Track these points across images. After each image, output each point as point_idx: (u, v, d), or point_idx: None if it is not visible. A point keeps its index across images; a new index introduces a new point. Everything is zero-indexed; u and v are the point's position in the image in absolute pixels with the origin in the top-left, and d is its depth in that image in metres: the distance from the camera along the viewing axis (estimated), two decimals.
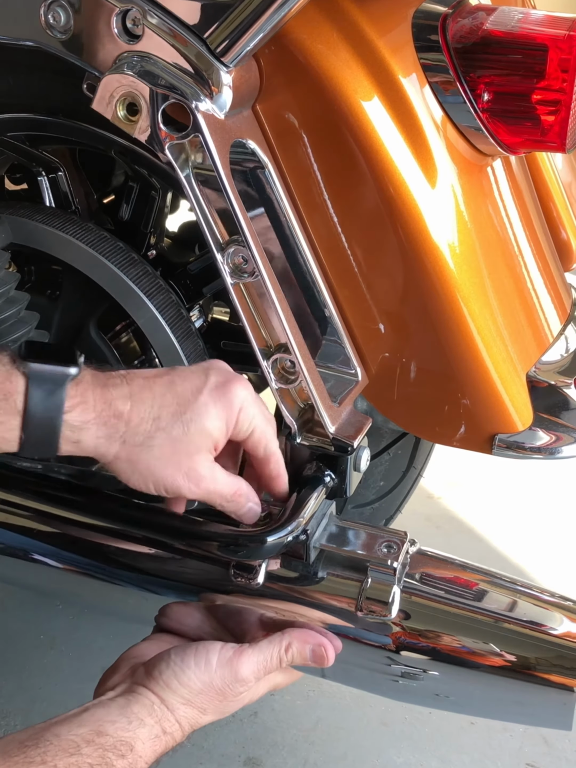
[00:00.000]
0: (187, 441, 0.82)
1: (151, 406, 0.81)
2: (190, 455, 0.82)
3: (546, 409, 1.05)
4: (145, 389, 0.82)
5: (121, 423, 0.80)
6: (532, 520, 1.97)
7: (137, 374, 0.83)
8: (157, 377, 0.84)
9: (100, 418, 0.79)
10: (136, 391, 0.81)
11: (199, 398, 0.83)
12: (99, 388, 0.80)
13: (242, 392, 0.84)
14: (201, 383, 0.84)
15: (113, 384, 0.81)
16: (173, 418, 0.81)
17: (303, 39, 0.88)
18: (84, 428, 0.79)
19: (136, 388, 0.82)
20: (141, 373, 0.84)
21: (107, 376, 0.82)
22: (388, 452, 1.33)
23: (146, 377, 0.83)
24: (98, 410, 0.79)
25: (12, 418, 0.77)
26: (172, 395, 0.82)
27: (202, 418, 0.82)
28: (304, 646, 0.88)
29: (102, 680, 0.87)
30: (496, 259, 1.02)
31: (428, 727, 1.47)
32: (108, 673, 0.87)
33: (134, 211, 1.27)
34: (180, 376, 0.84)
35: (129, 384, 0.82)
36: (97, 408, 0.79)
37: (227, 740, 1.43)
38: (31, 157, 1.24)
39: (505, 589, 0.97)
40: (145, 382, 0.83)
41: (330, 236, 0.96)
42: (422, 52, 0.92)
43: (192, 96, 0.83)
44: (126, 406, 0.80)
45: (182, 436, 0.82)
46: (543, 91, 0.90)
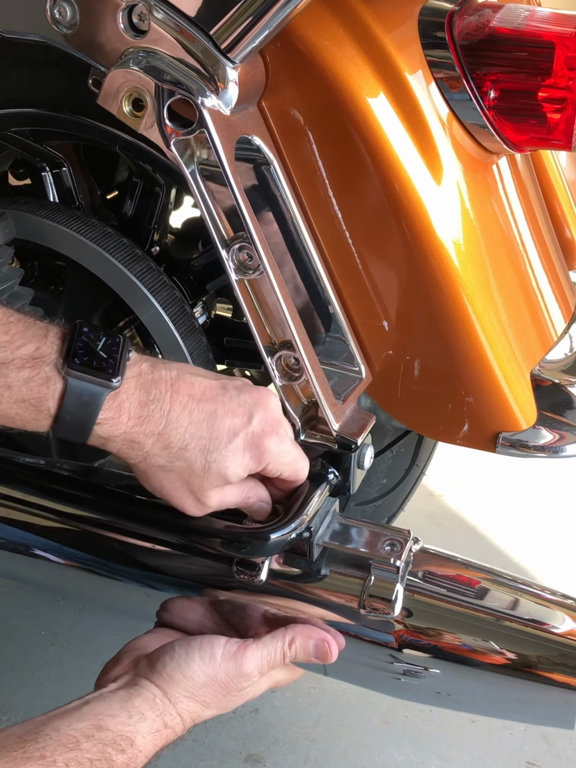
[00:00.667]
0: (204, 477, 0.82)
1: (184, 434, 0.80)
2: (202, 490, 0.84)
3: (550, 407, 1.04)
4: (185, 412, 0.80)
5: (149, 442, 0.80)
6: (534, 519, 1.97)
7: (184, 390, 0.81)
8: (202, 401, 0.81)
9: (128, 434, 0.79)
10: (175, 410, 0.80)
11: (233, 442, 0.82)
12: (137, 403, 0.79)
13: (275, 447, 0.84)
14: (241, 426, 0.82)
15: (154, 398, 0.80)
16: (199, 453, 0.81)
17: (309, 35, 0.88)
18: (110, 439, 0.79)
19: (177, 408, 0.80)
20: (188, 388, 0.81)
21: (155, 385, 0.80)
22: (391, 450, 1.32)
23: (191, 396, 0.81)
24: (129, 425, 0.79)
25: (43, 420, 0.78)
26: (208, 428, 0.81)
27: (227, 462, 0.82)
28: (307, 642, 0.88)
29: (104, 671, 0.87)
30: (501, 257, 1.02)
31: (429, 725, 1.47)
32: (110, 665, 0.87)
33: (138, 207, 1.27)
34: (224, 408, 0.82)
35: (171, 400, 0.80)
36: (129, 423, 0.79)
37: (228, 736, 1.43)
38: (35, 153, 1.24)
39: (508, 587, 0.97)
40: (188, 402, 0.81)
41: (335, 233, 0.96)
42: (428, 49, 0.92)
43: (198, 92, 0.83)
44: (159, 426, 0.80)
45: (201, 472, 0.82)
46: (549, 89, 0.89)
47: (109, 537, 1.02)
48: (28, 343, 0.76)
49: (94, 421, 0.77)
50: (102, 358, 0.77)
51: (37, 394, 0.76)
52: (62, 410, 0.76)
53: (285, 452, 0.86)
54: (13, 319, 0.76)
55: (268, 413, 0.84)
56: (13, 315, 0.77)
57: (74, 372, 0.76)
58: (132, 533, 1.01)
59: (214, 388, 0.83)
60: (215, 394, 0.82)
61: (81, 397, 0.76)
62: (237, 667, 0.84)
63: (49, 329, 0.78)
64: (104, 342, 0.79)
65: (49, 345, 0.77)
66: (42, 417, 0.77)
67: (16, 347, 0.75)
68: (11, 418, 0.77)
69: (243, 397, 0.83)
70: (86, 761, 0.73)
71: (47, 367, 0.76)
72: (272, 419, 0.84)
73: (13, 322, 0.76)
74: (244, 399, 0.83)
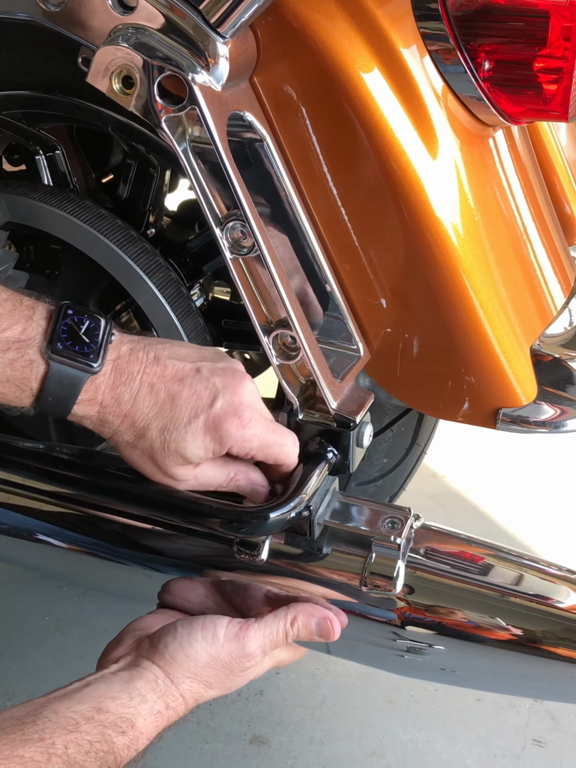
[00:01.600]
0: (165, 455, 0.84)
1: (148, 413, 0.83)
2: (167, 466, 0.85)
3: (550, 382, 1.04)
4: (152, 393, 0.83)
5: (117, 420, 0.83)
6: (537, 497, 1.97)
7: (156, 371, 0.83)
8: (171, 382, 0.83)
9: (101, 412, 0.83)
10: (143, 392, 0.83)
11: (192, 423, 0.83)
12: (111, 385, 0.82)
13: (236, 432, 0.83)
14: (203, 408, 0.83)
15: (126, 380, 0.82)
16: (159, 433, 0.83)
17: (300, 9, 0.87)
18: (86, 417, 0.84)
19: (144, 390, 0.83)
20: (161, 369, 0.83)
21: (128, 366, 0.83)
22: (391, 429, 1.32)
23: (162, 377, 0.83)
24: (103, 405, 0.83)
25: (26, 399, 0.82)
26: (171, 408, 0.83)
27: (185, 443, 0.83)
28: (309, 620, 0.88)
29: (105, 652, 0.86)
30: (499, 232, 1.01)
31: (434, 704, 1.47)
32: (111, 645, 0.87)
33: (133, 189, 1.26)
34: (190, 390, 0.83)
35: (140, 381, 0.83)
36: (104, 403, 0.83)
37: (233, 719, 1.43)
38: (28, 136, 1.23)
39: (511, 562, 0.96)
40: (157, 383, 0.83)
41: (330, 210, 0.95)
42: (422, 21, 0.90)
43: (188, 68, 0.82)
44: (127, 406, 0.83)
45: (161, 451, 0.84)
46: (545, 59, 0.88)
47: (110, 520, 1.02)
48: (14, 324, 0.79)
49: (74, 402, 0.81)
50: (84, 342, 0.81)
51: (21, 374, 0.80)
52: (44, 391, 0.81)
53: (250, 437, 0.84)
54: (0, 299, 0.79)
55: (235, 396, 0.84)
56: (1, 293, 0.80)
57: (56, 357, 0.79)
58: (133, 516, 1.00)
59: (186, 370, 0.84)
60: (185, 375, 0.84)
61: (62, 380, 0.80)
62: (240, 646, 0.84)
63: (36, 309, 0.81)
64: (88, 325, 0.82)
65: (34, 327, 0.80)
66: (24, 395, 0.82)
67: (2, 329, 0.78)
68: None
69: (213, 380, 0.84)
70: (86, 743, 0.73)
71: (31, 351, 0.79)
72: (237, 403, 0.84)
73: (0, 302, 0.79)
74: (213, 382, 0.84)
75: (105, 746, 0.74)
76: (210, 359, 0.87)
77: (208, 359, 0.87)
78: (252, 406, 0.85)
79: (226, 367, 0.86)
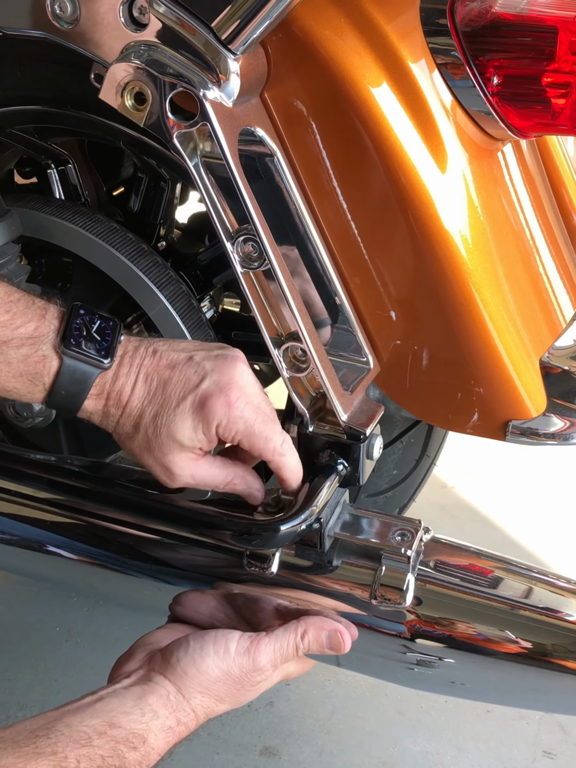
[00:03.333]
0: (159, 443, 0.85)
1: (142, 402, 0.85)
2: (163, 454, 0.85)
3: (560, 394, 1.04)
4: (146, 382, 0.85)
5: (118, 412, 0.85)
6: (547, 509, 1.96)
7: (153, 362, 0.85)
8: (164, 369, 0.85)
9: (106, 405, 0.85)
10: (139, 382, 0.85)
11: (180, 406, 0.84)
12: (115, 378, 0.85)
13: (221, 409, 0.83)
14: (190, 389, 0.84)
15: (127, 372, 0.85)
16: (151, 419, 0.85)
17: (310, 25, 0.87)
18: (94, 412, 0.86)
19: (141, 379, 0.85)
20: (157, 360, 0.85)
21: (130, 360, 0.85)
22: (401, 440, 1.32)
23: (157, 367, 0.85)
24: (108, 398, 0.85)
25: (38, 393, 0.84)
26: (161, 394, 0.85)
27: (174, 425, 0.84)
28: (320, 633, 0.88)
29: (116, 666, 0.87)
30: (508, 245, 1.01)
31: (444, 715, 1.47)
32: (123, 659, 0.87)
33: (144, 203, 1.27)
34: (180, 375, 0.85)
35: (138, 372, 0.85)
36: (109, 395, 0.85)
37: (243, 730, 1.43)
38: (40, 150, 1.24)
39: (521, 575, 0.96)
40: (151, 373, 0.85)
41: (340, 224, 0.95)
42: (431, 36, 0.91)
43: (200, 84, 0.83)
44: (126, 396, 0.85)
45: (154, 437, 0.85)
46: (553, 74, 0.89)
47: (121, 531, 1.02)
48: (28, 322, 0.82)
49: (85, 396, 0.84)
50: (96, 339, 0.83)
51: (34, 369, 0.82)
52: (56, 385, 0.83)
53: (236, 418, 0.84)
54: (14, 299, 0.82)
55: (223, 377, 0.84)
56: (14, 293, 0.82)
57: (69, 351, 0.82)
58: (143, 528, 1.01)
59: (180, 358, 0.86)
60: (177, 363, 0.86)
61: (74, 375, 0.83)
62: (251, 661, 0.84)
63: (48, 308, 0.84)
64: (99, 324, 0.84)
65: (47, 324, 0.83)
66: (37, 390, 0.84)
67: (16, 326, 0.81)
68: (8, 391, 0.84)
69: (203, 364, 0.85)
70: (98, 758, 0.73)
71: (45, 346, 0.82)
72: (225, 382, 0.84)
73: (13, 301, 0.82)
74: (203, 366, 0.85)
75: (117, 761, 0.74)
76: (207, 349, 0.88)
77: (205, 349, 0.88)
78: (241, 387, 0.85)
79: (220, 353, 0.87)
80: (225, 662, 0.83)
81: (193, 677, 0.82)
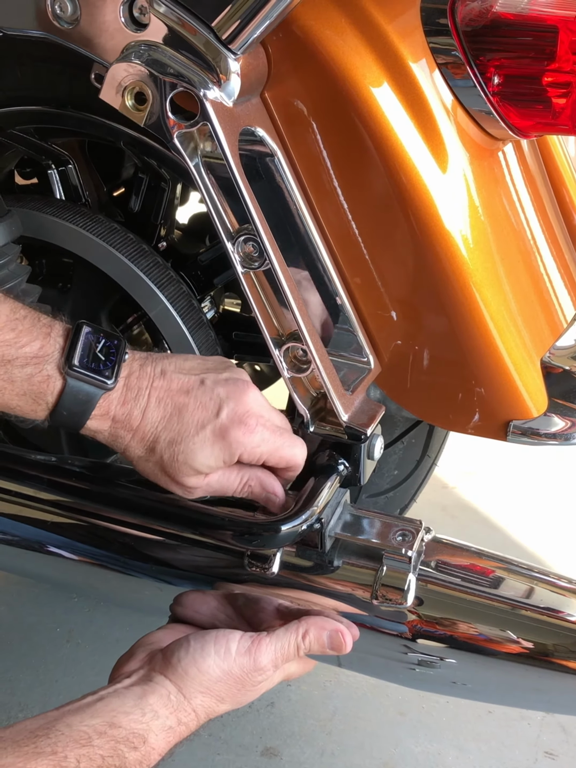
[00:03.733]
0: (175, 468, 0.85)
1: (156, 427, 0.85)
2: (179, 476, 0.86)
3: (561, 394, 1.04)
4: (159, 407, 0.85)
5: (128, 435, 0.85)
6: (548, 509, 1.96)
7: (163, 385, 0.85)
8: (177, 395, 0.85)
9: (113, 427, 0.85)
10: (151, 406, 0.84)
11: (200, 434, 0.84)
12: (123, 401, 0.84)
13: (243, 438, 0.84)
14: (209, 418, 0.84)
15: (136, 396, 0.84)
16: (168, 445, 0.85)
17: (311, 25, 0.87)
18: (98, 432, 0.86)
19: (153, 403, 0.85)
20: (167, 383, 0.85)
21: (138, 382, 0.85)
22: (402, 441, 1.32)
23: (168, 390, 0.85)
24: (115, 420, 0.85)
25: (41, 412, 0.84)
26: (177, 421, 0.84)
27: (194, 454, 0.84)
28: (321, 633, 0.88)
29: (117, 666, 0.87)
30: (509, 245, 1.01)
31: (445, 716, 1.47)
32: (123, 659, 0.87)
33: (144, 203, 1.27)
34: (196, 402, 0.85)
35: (149, 396, 0.85)
36: (115, 418, 0.85)
37: (244, 731, 1.43)
38: (41, 150, 1.24)
39: (522, 575, 0.96)
40: (163, 397, 0.85)
41: (340, 224, 0.95)
42: (431, 36, 0.91)
43: (200, 84, 0.83)
44: (137, 420, 0.84)
45: (170, 463, 0.85)
46: (554, 73, 0.89)
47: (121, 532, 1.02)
48: (33, 341, 0.81)
49: (88, 417, 0.83)
50: (100, 360, 0.83)
51: (38, 389, 0.82)
52: (59, 405, 0.83)
53: (259, 442, 0.86)
54: (20, 316, 0.81)
55: (239, 405, 0.85)
56: (20, 311, 0.82)
57: (73, 373, 0.82)
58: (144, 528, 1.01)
59: (191, 383, 0.86)
60: (190, 388, 0.85)
61: (78, 396, 0.82)
62: (252, 661, 0.84)
63: (53, 326, 0.83)
64: (104, 344, 0.84)
65: (52, 344, 0.82)
66: (40, 409, 0.84)
67: (21, 345, 0.80)
68: (11, 408, 0.84)
69: (217, 390, 0.86)
70: (98, 758, 0.73)
71: (49, 366, 0.82)
72: (242, 411, 0.85)
73: (19, 318, 0.81)
74: (217, 392, 0.85)
75: (117, 761, 0.74)
76: (214, 370, 0.88)
77: (212, 370, 0.88)
78: (257, 413, 0.86)
79: (229, 377, 0.88)
80: (226, 662, 0.83)
81: (193, 677, 0.81)
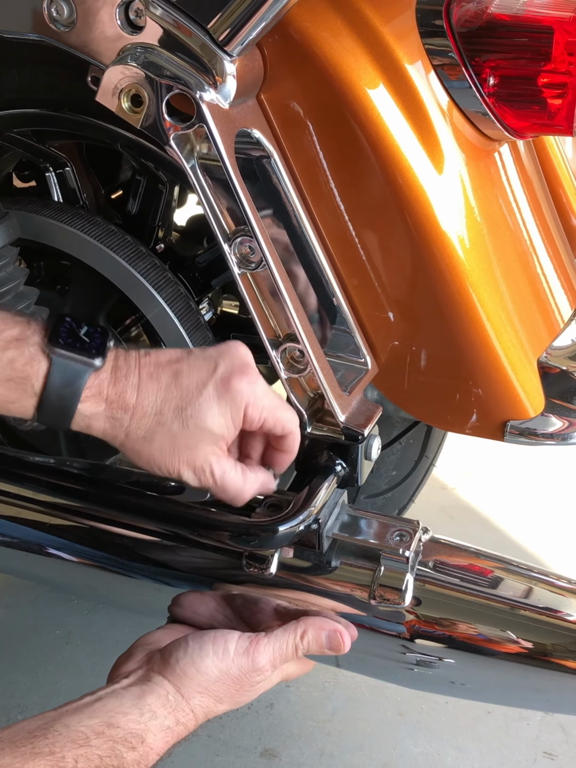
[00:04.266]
0: (187, 436, 0.82)
1: (155, 399, 0.82)
2: (189, 448, 0.82)
3: (558, 394, 1.04)
4: (153, 380, 0.82)
5: (126, 415, 0.82)
6: (546, 509, 1.96)
7: (150, 360, 0.83)
8: (167, 365, 0.83)
9: (108, 409, 0.81)
10: (144, 381, 0.82)
11: (203, 393, 0.82)
12: (113, 381, 0.81)
13: (247, 387, 0.83)
14: (207, 376, 0.83)
15: (126, 374, 0.82)
16: (174, 414, 0.82)
17: (306, 27, 0.87)
18: (93, 417, 0.81)
19: (145, 378, 0.82)
20: (154, 358, 0.83)
21: (125, 362, 0.82)
22: (399, 441, 1.32)
23: (157, 364, 0.83)
24: (109, 401, 0.81)
25: (28, 400, 0.80)
26: (176, 388, 0.82)
27: (203, 415, 0.82)
28: (319, 633, 0.88)
29: (116, 666, 0.87)
30: (506, 245, 1.01)
31: (445, 716, 1.47)
32: (122, 659, 0.87)
33: (142, 205, 1.27)
34: (189, 365, 0.83)
35: (139, 373, 0.82)
36: (108, 399, 0.81)
37: (243, 732, 1.43)
38: (39, 153, 1.24)
39: (521, 575, 0.96)
40: (154, 371, 0.82)
41: (337, 225, 0.95)
42: (427, 37, 0.91)
43: (196, 86, 0.83)
44: (133, 398, 0.81)
45: (181, 431, 0.82)
46: (549, 74, 0.89)
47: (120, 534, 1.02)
48: (12, 327, 0.79)
49: (78, 399, 0.79)
50: (84, 341, 0.80)
51: (22, 373, 0.78)
52: (47, 389, 0.78)
53: (261, 394, 0.84)
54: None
55: (236, 358, 0.84)
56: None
57: (58, 350, 0.78)
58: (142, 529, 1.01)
59: (179, 353, 0.85)
60: (179, 357, 0.84)
61: (65, 375, 0.78)
62: (250, 661, 0.84)
63: (32, 319, 0.81)
64: (86, 330, 0.81)
65: (33, 328, 0.80)
66: (26, 396, 0.79)
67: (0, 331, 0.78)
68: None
69: (208, 352, 0.85)
70: (96, 758, 0.73)
71: (32, 348, 0.79)
72: (240, 363, 0.84)
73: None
74: (209, 353, 0.85)
75: (115, 761, 0.74)
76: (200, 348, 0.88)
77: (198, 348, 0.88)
78: (255, 367, 0.85)
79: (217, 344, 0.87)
80: (224, 662, 0.83)
81: (192, 677, 0.81)
